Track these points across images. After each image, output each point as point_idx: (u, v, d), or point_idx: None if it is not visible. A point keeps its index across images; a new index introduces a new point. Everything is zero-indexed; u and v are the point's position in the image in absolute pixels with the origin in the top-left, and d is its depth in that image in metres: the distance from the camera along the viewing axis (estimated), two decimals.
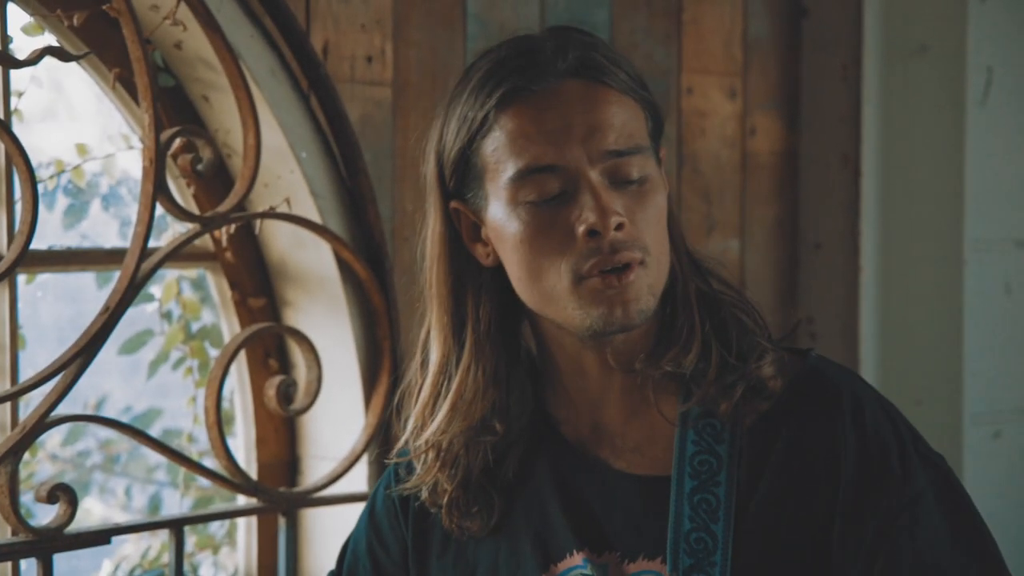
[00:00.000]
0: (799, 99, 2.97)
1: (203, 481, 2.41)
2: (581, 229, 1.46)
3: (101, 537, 1.96)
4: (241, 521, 2.34)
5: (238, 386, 2.33)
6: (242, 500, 2.21)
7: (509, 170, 1.49)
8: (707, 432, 1.52)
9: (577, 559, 1.54)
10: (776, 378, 1.53)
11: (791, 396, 1.52)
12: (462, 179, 1.54)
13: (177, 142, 2.02)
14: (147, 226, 1.96)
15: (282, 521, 2.20)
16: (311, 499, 2.20)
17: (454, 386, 1.57)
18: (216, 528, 2.48)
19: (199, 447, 2.43)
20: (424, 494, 1.61)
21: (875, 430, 1.50)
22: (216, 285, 2.29)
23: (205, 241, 2.25)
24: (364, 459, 2.25)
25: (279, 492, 2.18)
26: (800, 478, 1.49)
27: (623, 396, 1.56)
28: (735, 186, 2.86)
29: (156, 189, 1.96)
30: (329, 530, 2.30)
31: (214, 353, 2.38)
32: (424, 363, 1.61)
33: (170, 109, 2.17)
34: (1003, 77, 2.94)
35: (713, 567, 1.48)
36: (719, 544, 1.48)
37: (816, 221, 2.97)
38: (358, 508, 2.26)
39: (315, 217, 2.19)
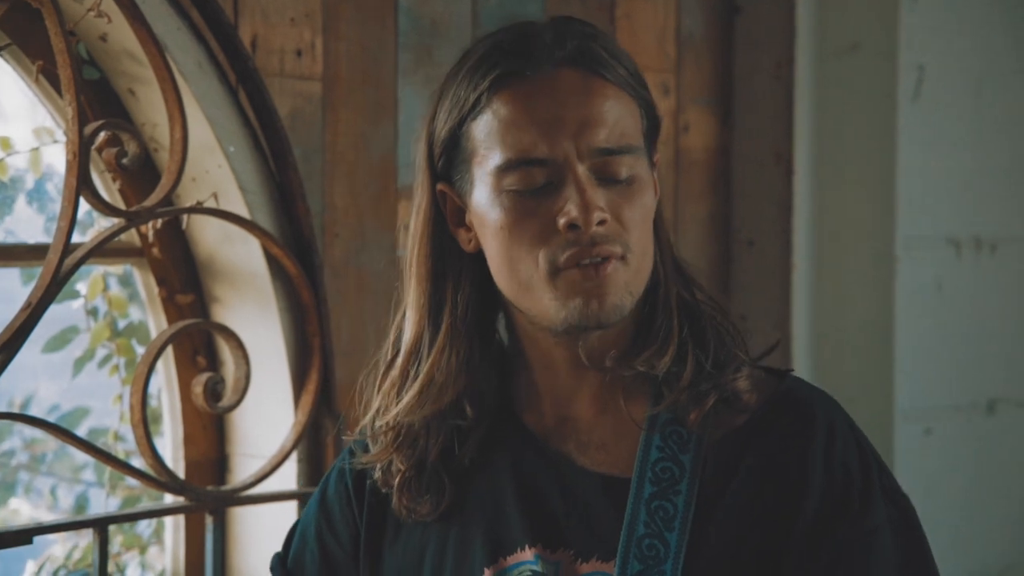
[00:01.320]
0: (732, 96, 2.98)
1: (131, 480, 2.38)
2: (562, 222, 1.45)
3: (22, 537, 1.93)
4: (168, 520, 2.31)
5: (165, 384, 2.30)
6: (169, 499, 2.18)
7: (497, 158, 1.47)
8: (673, 439, 1.51)
9: (528, 554, 1.52)
10: (751, 392, 1.51)
11: (764, 415, 1.51)
12: (450, 161, 1.52)
13: (102, 136, 1.99)
14: (70, 221, 1.93)
15: (209, 520, 2.17)
16: (239, 498, 2.18)
17: (424, 369, 1.54)
18: (143, 528, 2.45)
19: (126, 446, 2.40)
20: (376, 474, 1.59)
21: (843, 460, 1.48)
22: (143, 281, 2.26)
23: (132, 237, 2.22)
24: (293, 457, 2.23)
25: (206, 491, 2.15)
26: (763, 499, 1.47)
27: (594, 393, 1.55)
28: (668, 183, 2.86)
29: (80, 183, 1.93)
30: (258, 529, 2.27)
31: (142, 350, 2.34)
32: (396, 342, 1.58)
33: (95, 103, 2.14)
34: (935, 75, 2.96)
35: (662, 575, 1.47)
36: (671, 553, 1.46)
37: (749, 218, 2.98)
38: (287, 507, 2.24)
39: (243, 212, 2.17)
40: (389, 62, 2.38)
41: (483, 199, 1.49)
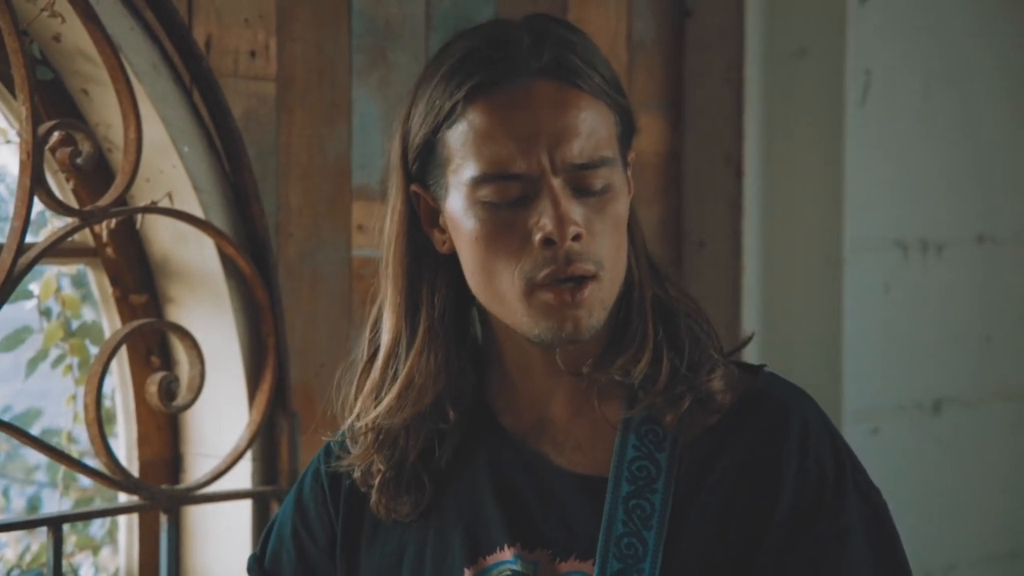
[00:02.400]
0: (682, 100, 3.01)
1: (85, 481, 2.38)
2: (538, 237, 1.45)
3: None
4: (122, 520, 2.31)
5: (119, 384, 2.30)
6: (123, 498, 2.18)
7: (471, 170, 1.47)
8: (649, 438, 1.51)
9: (507, 554, 1.53)
10: (725, 392, 1.51)
11: (738, 413, 1.51)
12: (424, 165, 1.52)
13: (56, 135, 1.99)
14: (24, 220, 1.93)
15: (164, 519, 2.18)
16: (193, 496, 2.18)
17: (403, 371, 1.54)
18: (97, 528, 2.45)
19: (80, 447, 2.39)
20: (356, 474, 1.59)
21: (817, 457, 1.49)
22: (97, 281, 2.26)
23: (85, 237, 2.22)
24: (247, 456, 2.23)
25: (160, 489, 2.16)
26: (739, 496, 1.48)
27: (570, 395, 1.55)
28: None
29: (33, 183, 1.94)
30: (212, 528, 2.28)
31: (95, 351, 2.34)
32: (372, 341, 1.59)
33: (49, 103, 2.14)
34: (881, 80, 3.00)
35: (641, 574, 1.47)
36: (649, 551, 1.47)
37: (700, 220, 3.00)
38: (242, 506, 2.25)
39: (198, 212, 2.18)
40: (343, 63, 2.39)
41: (457, 207, 1.50)
